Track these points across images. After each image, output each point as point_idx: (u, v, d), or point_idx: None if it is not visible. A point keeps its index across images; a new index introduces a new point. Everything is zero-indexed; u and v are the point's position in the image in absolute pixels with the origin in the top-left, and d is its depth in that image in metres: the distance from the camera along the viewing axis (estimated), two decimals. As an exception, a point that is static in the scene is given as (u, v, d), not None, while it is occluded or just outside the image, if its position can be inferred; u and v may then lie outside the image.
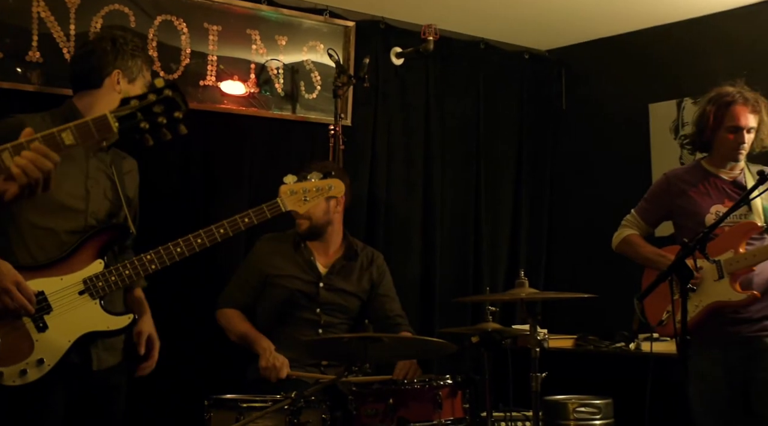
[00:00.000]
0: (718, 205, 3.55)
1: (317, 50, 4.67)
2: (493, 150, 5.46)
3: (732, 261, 3.48)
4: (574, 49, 5.68)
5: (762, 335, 3.49)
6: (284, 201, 3.00)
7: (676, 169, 3.90)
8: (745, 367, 3.50)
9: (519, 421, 4.00)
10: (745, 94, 3.56)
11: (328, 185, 3.08)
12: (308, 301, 3.89)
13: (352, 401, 3.34)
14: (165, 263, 2.82)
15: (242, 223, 2.91)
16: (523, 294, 3.59)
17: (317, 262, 3.95)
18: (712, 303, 3.49)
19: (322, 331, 3.88)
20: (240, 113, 4.45)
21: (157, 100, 2.29)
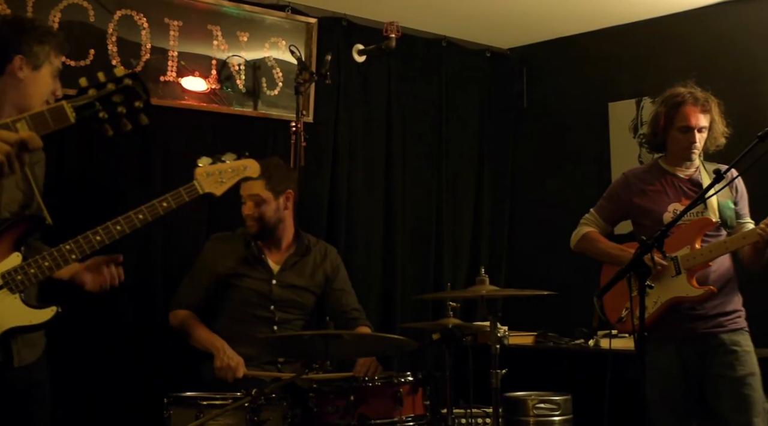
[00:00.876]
0: (676, 204, 3.59)
1: (279, 47, 4.65)
2: (455, 148, 5.48)
3: (688, 257, 3.52)
4: (536, 48, 5.72)
5: (717, 331, 3.54)
6: (201, 183, 2.87)
7: (634, 168, 3.94)
8: (699, 362, 3.55)
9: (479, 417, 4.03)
10: (696, 94, 3.60)
11: (242, 165, 2.95)
12: (262, 298, 3.88)
13: (312, 398, 3.33)
14: (85, 252, 2.68)
15: (161, 208, 2.79)
16: (483, 291, 3.61)
17: (269, 259, 3.94)
18: (670, 299, 3.53)
19: (277, 328, 3.87)
20: (201, 109, 4.41)
21: (117, 90, 2.25)
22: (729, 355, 3.51)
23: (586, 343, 4.86)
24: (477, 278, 3.69)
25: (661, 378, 3.51)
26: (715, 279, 3.55)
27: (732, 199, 3.64)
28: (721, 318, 3.55)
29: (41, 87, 2.80)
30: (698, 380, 3.57)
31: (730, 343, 3.53)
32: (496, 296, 3.80)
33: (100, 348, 3.99)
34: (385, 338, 3.67)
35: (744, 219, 3.67)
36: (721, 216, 3.59)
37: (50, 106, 2.15)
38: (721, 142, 3.63)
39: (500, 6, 5.03)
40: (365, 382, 3.42)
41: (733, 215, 3.63)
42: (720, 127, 3.62)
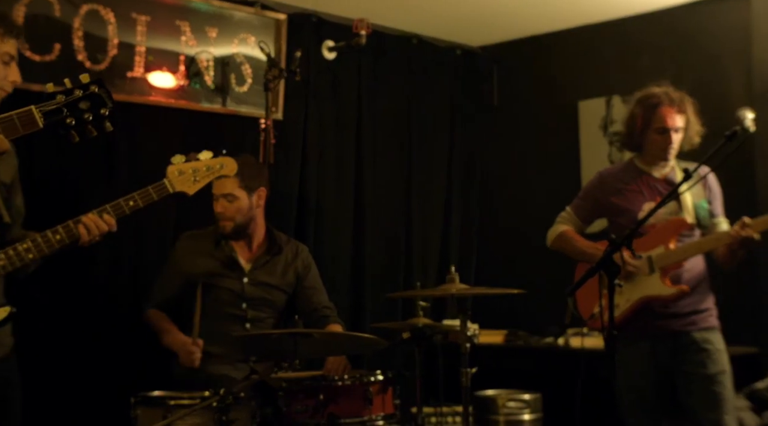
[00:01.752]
0: (651, 203, 3.59)
1: (248, 43, 4.61)
2: (425, 145, 5.47)
3: (662, 256, 3.54)
4: (506, 46, 5.73)
5: (689, 329, 3.56)
6: (172, 182, 2.81)
7: (610, 167, 3.95)
8: (671, 360, 3.57)
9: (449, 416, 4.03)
10: (671, 95, 3.61)
11: (219, 164, 2.87)
12: (234, 297, 3.85)
13: (281, 397, 3.31)
14: (44, 252, 2.63)
15: (127, 207, 2.74)
16: (453, 289, 3.61)
17: (240, 257, 3.91)
18: (642, 297, 3.55)
19: (250, 325, 3.84)
20: (169, 106, 4.37)
21: (84, 96, 2.23)
22: (701, 353, 3.54)
23: (555, 341, 4.88)
24: (447, 277, 3.68)
25: (633, 375, 3.53)
26: (688, 278, 3.57)
27: (706, 198, 3.66)
28: (694, 316, 3.57)
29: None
30: (670, 378, 3.59)
31: (702, 341, 3.55)
32: (466, 295, 3.79)
33: (66, 347, 3.94)
34: (354, 337, 3.65)
35: (718, 217, 3.69)
36: (696, 216, 3.61)
37: (19, 110, 2.14)
38: (695, 142, 3.65)
39: (471, 4, 5.02)
40: (335, 381, 3.40)
41: (707, 215, 3.65)
42: (695, 126, 3.63)
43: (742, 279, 4.40)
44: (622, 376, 3.44)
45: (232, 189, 3.82)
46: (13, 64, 2.73)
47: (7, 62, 2.73)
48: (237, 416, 3.14)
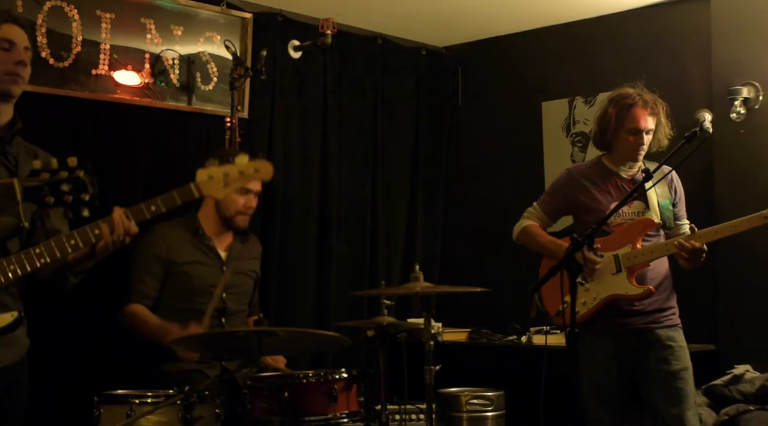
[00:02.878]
0: (617, 203, 3.61)
1: (214, 41, 4.61)
2: (390, 145, 5.49)
3: (630, 256, 3.58)
4: (471, 47, 5.77)
5: (653, 327, 3.61)
6: (200, 186, 2.61)
7: (579, 164, 3.98)
8: (635, 357, 3.62)
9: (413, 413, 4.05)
10: (645, 97, 3.65)
11: (253, 168, 2.65)
12: (213, 287, 3.83)
13: (246, 395, 3.32)
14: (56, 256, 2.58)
15: (148, 211, 2.62)
16: (417, 288, 3.63)
17: (217, 247, 3.92)
18: (609, 296, 3.59)
19: (226, 320, 3.85)
20: (134, 104, 4.35)
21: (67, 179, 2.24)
22: (664, 350, 3.59)
23: (518, 339, 4.93)
24: (411, 275, 3.70)
25: (597, 372, 3.57)
26: (652, 277, 3.62)
27: (671, 201, 3.71)
28: (657, 314, 3.63)
29: None
30: (633, 375, 3.63)
31: (665, 339, 3.61)
32: (431, 293, 3.81)
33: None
34: (319, 335, 3.66)
35: (681, 220, 3.74)
36: (662, 216, 3.66)
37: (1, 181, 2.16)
38: (663, 144, 3.68)
39: (436, 4, 5.05)
40: (299, 378, 3.41)
41: (671, 216, 3.70)
42: (665, 129, 3.67)
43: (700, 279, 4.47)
44: (585, 372, 3.50)
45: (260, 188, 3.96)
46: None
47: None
48: (201, 414, 3.14)
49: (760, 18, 4.48)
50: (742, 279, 4.50)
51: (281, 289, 4.86)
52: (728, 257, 4.47)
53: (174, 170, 4.34)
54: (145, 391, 3.24)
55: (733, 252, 4.42)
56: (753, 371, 4.22)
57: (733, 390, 4.11)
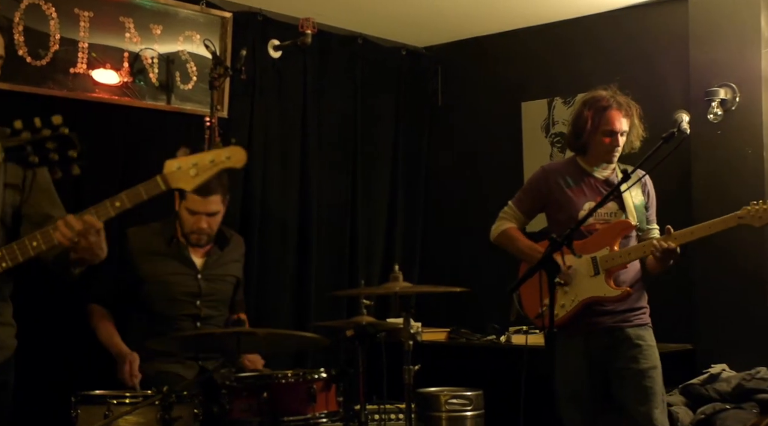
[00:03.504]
0: (591, 203, 3.65)
1: (193, 40, 4.59)
2: (370, 145, 5.50)
3: (607, 258, 3.59)
4: (451, 47, 5.78)
5: (623, 325, 3.64)
6: (167, 178, 2.47)
7: (553, 162, 4.00)
8: (605, 356, 3.64)
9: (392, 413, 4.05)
10: (618, 99, 3.67)
11: (225, 155, 2.47)
12: (188, 295, 3.83)
13: (225, 395, 3.31)
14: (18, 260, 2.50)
15: (112, 208, 2.49)
16: (397, 288, 3.63)
17: (192, 255, 3.89)
18: (587, 298, 3.61)
19: (201, 324, 3.83)
20: (112, 103, 4.33)
21: (52, 136, 2.19)
22: (634, 348, 3.61)
23: (497, 339, 4.94)
24: (391, 275, 3.70)
25: (569, 372, 3.58)
26: (625, 279, 3.65)
27: (644, 203, 3.74)
28: (628, 313, 3.65)
29: None
30: (604, 374, 3.66)
31: (635, 338, 3.63)
32: (410, 293, 3.82)
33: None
34: (298, 335, 3.66)
35: (652, 225, 3.77)
36: (638, 218, 3.68)
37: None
38: (636, 146, 3.71)
39: (416, 5, 5.06)
40: (278, 379, 3.40)
41: (644, 219, 3.72)
42: (638, 130, 3.69)
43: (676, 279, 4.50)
44: (558, 373, 3.51)
45: (218, 207, 3.81)
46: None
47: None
48: (180, 414, 3.13)
49: (737, 20, 4.51)
50: (718, 279, 4.53)
51: (260, 289, 4.85)
52: (705, 257, 4.50)
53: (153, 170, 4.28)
54: (123, 392, 3.23)
55: (709, 252, 4.45)
56: (729, 370, 4.25)
57: (710, 389, 4.14)
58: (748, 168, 4.43)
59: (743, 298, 4.40)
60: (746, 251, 4.39)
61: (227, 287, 3.99)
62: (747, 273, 4.38)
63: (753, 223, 3.45)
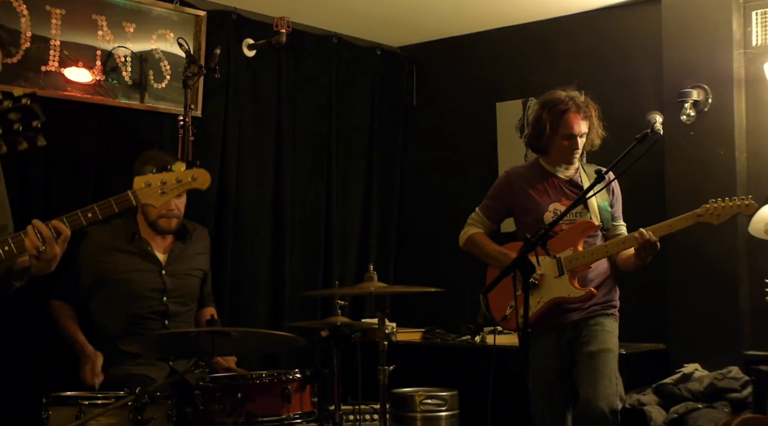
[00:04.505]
0: (556, 204, 3.71)
1: (167, 39, 4.56)
2: (345, 144, 5.49)
3: (571, 258, 3.63)
4: (426, 47, 5.78)
5: (587, 317, 3.68)
6: (137, 194, 2.61)
7: (516, 166, 4.01)
8: (570, 348, 3.68)
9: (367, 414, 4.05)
10: (577, 101, 3.71)
11: (190, 176, 2.69)
12: (153, 292, 3.80)
13: (199, 396, 3.29)
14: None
15: (84, 218, 2.56)
16: (371, 288, 3.63)
17: (155, 251, 3.86)
18: (552, 299, 3.64)
19: (169, 322, 3.80)
20: (85, 101, 4.29)
21: (14, 107, 2.17)
22: (590, 334, 3.65)
23: (472, 339, 4.95)
24: (365, 275, 3.70)
25: (540, 371, 3.60)
26: (592, 278, 3.69)
27: (609, 202, 3.77)
28: (594, 307, 3.70)
29: None
30: (570, 367, 3.68)
31: (593, 324, 3.67)
32: (385, 293, 3.83)
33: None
34: (272, 335, 3.65)
35: (618, 221, 3.81)
36: (602, 218, 3.73)
37: None
38: (596, 144, 3.77)
39: (391, 4, 5.06)
40: (253, 379, 3.39)
41: (609, 217, 3.77)
42: (597, 130, 3.74)
43: (649, 279, 4.53)
44: (530, 371, 3.52)
45: None
46: None
47: None
48: (152, 415, 3.11)
49: (709, 22, 4.55)
50: (690, 280, 4.56)
51: (235, 289, 4.83)
52: (677, 258, 4.53)
53: (126, 170, 4.27)
54: (96, 393, 3.20)
55: (682, 253, 4.48)
56: (702, 370, 4.28)
57: (683, 388, 4.17)
58: (720, 168, 4.47)
59: (715, 298, 4.43)
60: (718, 252, 4.42)
61: (194, 282, 3.97)
62: (719, 274, 4.41)
63: (712, 221, 3.49)
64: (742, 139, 4.49)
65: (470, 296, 4.50)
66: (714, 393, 4.11)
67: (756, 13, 4.51)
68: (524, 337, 2.94)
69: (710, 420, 3.94)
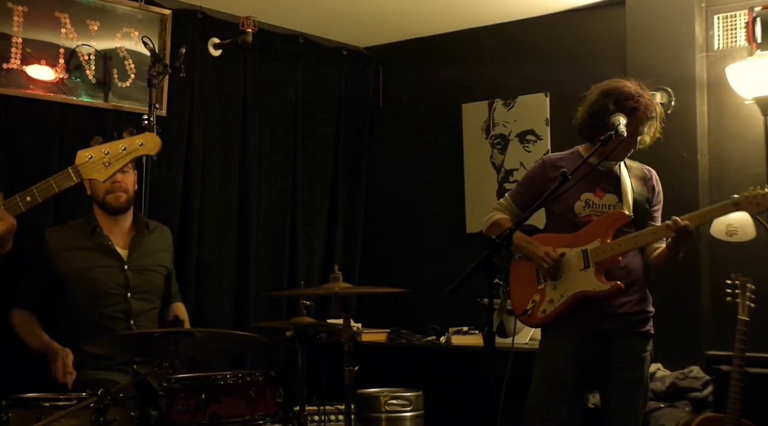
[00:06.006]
0: (589, 194, 3.45)
1: (132, 37, 4.53)
2: (311, 144, 5.48)
3: (598, 250, 3.36)
4: (392, 48, 5.79)
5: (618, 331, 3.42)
6: (79, 169, 2.42)
7: (553, 154, 3.73)
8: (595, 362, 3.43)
9: (332, 414, 4.05)
10: (646, 100, 3.43)
11: (138, 141, 2.47)
12: (117, 287, 3.76)
13: (162, 397, 3.27)
14: None
15: (23, 203, 2.42)
16: (337, 288, 3.63)
17: (115, 245, 3.83)
18: (576, 292, 3.38)
19: (134, 321, 3.77)
20: (48, 100, 4.25)
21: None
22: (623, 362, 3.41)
23: (437, 339, 4.96)
24: (331, 275, 3.70)
25: (552, 372, 3.42)
26: (623, 275, 3.40)
27: (647, 198, 3.53)
28: (627, 317, 3.42)
29: None
30: (591, 378, 3.47)
31: (628, 348, 3.42)
32: (350, 294, 3.81)
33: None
34: (237, 335, 3.63)
35: (656, 222, 3.54)
36: (635, 214, 3.46)
37: None
38: (646, 144, 3.51)
39: (357, 5, 5.06)
40: (217, 380, 3.37)
41: (646, 214, 3.51)
42: (655, 133, 3.49)
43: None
44: (540, 370, 3.42)
45: None
46: None
47: None
48: (115, 416, 3.08)
49: (673, 25, 4.60)
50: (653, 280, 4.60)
51: (199, 289, 4.80)
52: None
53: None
54: (57, 394, 3.17)
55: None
56: (663, 369, 4.32)
57: (645, 388, 4.20)
58: (682, 170, 4.51)
59: (677, 299, 4.47)
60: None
61: (157, 278, 3.94)
62: (681, 275, 4.45)
63: (749, 210, 3.25)
64: (704, 141, 4.55)
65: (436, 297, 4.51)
66: (676, 392, 4.15)
67: (718, 18, 4.56)
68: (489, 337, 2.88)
69: (672, 419, 3.98)
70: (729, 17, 4.55)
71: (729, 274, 3.83)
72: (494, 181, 5.29)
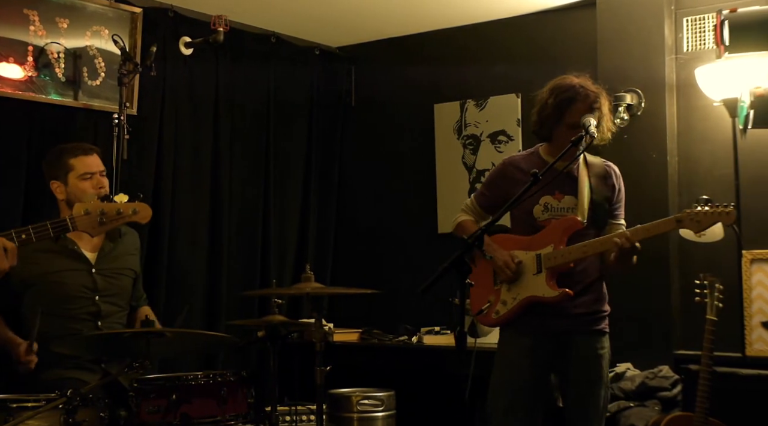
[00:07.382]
0: (548, 197, 3.45)
1: (102, 35, 4.50)
2: (283, 144, 5.47)
3: (550, 256, 3.38)
4: (364, 47, 5.79)
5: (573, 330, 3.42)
6: (75, 221, 2.66)
7: (514, 155, 3.73)
8: (551, 361, 3.44)
9: (303, 414, 4.04)
10: (588, 90, 3.39)
11: (132, 209, 2.75)
12: (85, 291, 3.73)
13: (132, 398, 3.24)
14: None
15: (17, 239, 2.61)
16: (308, 288, 3.62)
17: (82, 249, 3.80)
18: (527, 297, 3.41)
19: (102, 322, 3.74)
20: (16, 97, 4.21)
21: None
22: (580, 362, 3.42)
23: (409, 339, 4.97)
24: (302, 275, 3.69)
25: (510, 370, 3.43)
26: (580, 277, 3.42)
27: (607, 198, 3.50)
28: (582, 318, 3.43)
29: None
30: (547, 376, 3.50)
31: (583, 346, 3.42)
32: (321, 294, 3.81)
33: None
34: (208, 335, 3.61)
35: (618, 219, 3.53)
36: (593, 215, 3.45)
37: None
38: (606, 138, 3.46)
39: (330, 4, 5.05)
40: (188, 380, 3.35)
41: (604, 215, 3.49)
42: (608, 123, 3.45)
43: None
44: (497, 371, 3.43)
45: (102, 167, 3.80)
46: None
47: None
48: (84, 417, 3.05)
49: (643, 28, 4.63)
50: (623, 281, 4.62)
51: (170, 288, 4.78)
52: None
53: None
54: (26, 396, 3.13)
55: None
56: (633, 369, 4.35)
57: (615, 387, 4.23)
58: (652, 171, 4.55)
59: (647, 299, 4.51)
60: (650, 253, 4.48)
61: (126, 282, 3.89)
62: (650, 275, 4.48)
63: (692, 228, 3.29)
64: (673, 142, 4.59)
65: (408, 297, 4.52)
66: (645, 392, 4.18)
67: (687, 20, 4.61)
68: (461, 336, 2.89)
69: (641, 418, 4.01)
70: (698, 20, 4.59)
71: (698, 274, 3.86)
72: (466, 182, 5.31)
